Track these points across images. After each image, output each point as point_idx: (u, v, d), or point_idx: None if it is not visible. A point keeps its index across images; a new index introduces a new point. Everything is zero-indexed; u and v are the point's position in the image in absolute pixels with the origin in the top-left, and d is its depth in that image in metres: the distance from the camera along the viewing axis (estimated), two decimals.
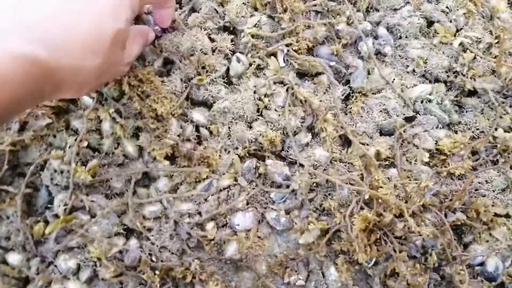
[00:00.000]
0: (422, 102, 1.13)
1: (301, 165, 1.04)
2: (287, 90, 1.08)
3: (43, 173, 1.00)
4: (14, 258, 0.96)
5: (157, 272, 0.94)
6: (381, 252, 0.99)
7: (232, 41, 1.12)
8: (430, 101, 1.13)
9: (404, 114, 1.12)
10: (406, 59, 1.17)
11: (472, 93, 1.16)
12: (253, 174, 1.04)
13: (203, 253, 0.99)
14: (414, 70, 1.16)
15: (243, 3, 1.13)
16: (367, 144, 1.08)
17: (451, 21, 1.19)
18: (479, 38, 1.17)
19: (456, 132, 1.12)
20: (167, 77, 1.07)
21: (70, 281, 0.95)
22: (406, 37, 1.18)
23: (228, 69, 1.10)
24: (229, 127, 1.06)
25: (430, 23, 1.20)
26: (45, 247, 0.96)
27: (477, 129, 1.12)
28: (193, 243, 1.00)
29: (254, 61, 1.10)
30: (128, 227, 1.00)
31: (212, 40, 1.11)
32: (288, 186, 1.04)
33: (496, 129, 1.10)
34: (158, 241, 0.99)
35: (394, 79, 1.14)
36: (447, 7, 1.21)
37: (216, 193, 1.02)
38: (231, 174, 1.03)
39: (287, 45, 1.12)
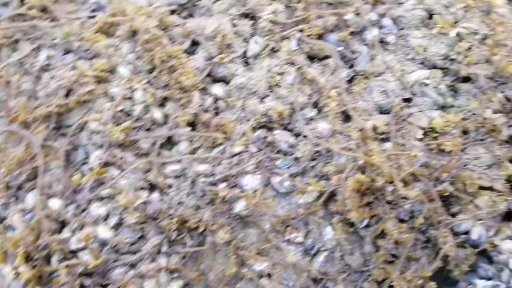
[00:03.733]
0: (419, 85, 1.23)
1: (305, 137, 1.15)
2: (297, 70, 1.20)
3: (82, 134, 1.15)
4: (55, 203, 1.10)
5: (173, 220, 1.07)
6: (373, 213, 1.09)
7: (252, 25, 1.24)
8: (426, 85, 1.23)
9: (402, 96, 1.22)
10: (407, 47, 1.27)
11: (467, 79, 1.25)
12: (263, 143, 1.16)
13: (216, 209, 1.11)
14: (413, 58, 1.26)
15: None
16: (366, 120, 1.18)
17: (451, 14, 1.28)
18: (476, 30, 1.26)
19: (449, 113, 1.21)
20: (193, 55, 1.20)
21: (100, 226, 1.09)
22: (408, 27, 1.28)
23: (245, 51, 1.22)
24: (244, 101, 1.18)
25: (431, 15, 1.29)
26: (81, 195, 1.11)
27: (469, 111, 1.21)
28: (206, 200, 1.12)
29: (269, 44, 1.22)
30: (152, 183, 1.12)
31: (234, 25, 1.23)
32: (292, 154, 1.15)
33: (485, 110, 1.19)
34: (177, 197, 1.12)
35: (395, 64, 1.24)
36: (448, 1, 1.30)
37: (229, 157, 1.15)
38: (243, 142, 1.15)
39: (300, 31, 1.23)
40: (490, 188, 1.16)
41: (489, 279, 1.09)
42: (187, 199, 1.12)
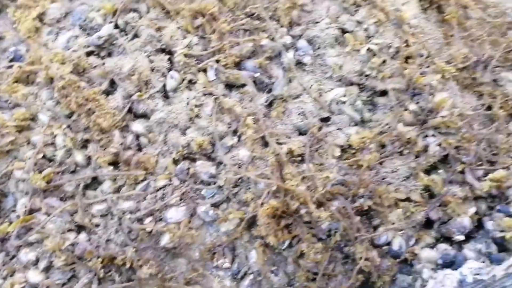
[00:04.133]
0: (336, 103, 1.28)
1: (226, 165, 1.20)
2: (214, 101, 1.24)
3: (9, 182, 1.20)
4: None
5: (99, 259, 1.12)
6: (292, 236, 1.15)
7: (169, 59, 1.29)
8: (343, 102, 1.28)
9: (320, 115, 1.27)
10: (324, 66, 1.32)
11: (384, 93, 1.30)
12: (186, 175, 1.21)
13: (142, 243, 1.16)
14: (331, 76, 1.31)
15: (178, 27, 1.30)
16: (284, 143, 1.23)
17: (364, 30, 1.33)
18: (389, 44, 1.31)
19: (366, 129, 1.26)
20: (112, 95, 1.25)
21: (30, 270, 1.14)
22: (324, 47, 1.33)
23: (164, 85, 1.27)
24: (165, 135, 1.23)
25: (345, 33, 1.34)
26: (9, 243, 1.16)
27: (386, 124, 1.26)
28: (134, 236, 1.17)
29: (186, 77, 1.26)
30: (79, 224, 1.18)
31: (151, 61, 1.28)
32: (215, 183, 1.20)
33: (398, 124, 1.24)
34: (105, 235, 1.17)
35: (312, 85, 1.29)
36: (362, 17, 1.34)
37: (153, 192, 1.20)
38: (166, 175, 1.21)
39: (216, 61, 1.28)
40: (408, 199, 1.21)
41: None
42: (114, 237, 1.17)
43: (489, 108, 1.34)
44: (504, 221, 1.17)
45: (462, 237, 1.19)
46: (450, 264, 1.14)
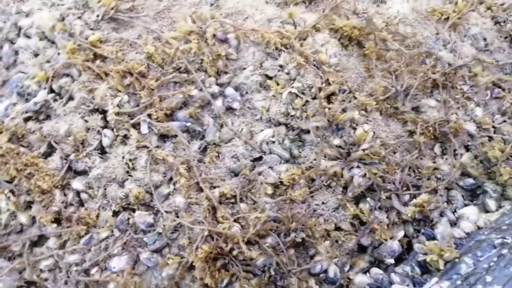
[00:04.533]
0: (267, 144, 1.37)
1: (164, 212, 1.29)
2: (148, 153, 1.33)
3: None
4: None
5: None
6: (230, 274, 1.23)
7: (103, 118, 1.38)
8: (273, 142, 1.38)
9: (252, 156, 1.36)
10: (253, 109, 1.42)
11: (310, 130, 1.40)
12: (127, 225, 1.30)
13: None
14: (261, 118, 1.41)
15: (108, 87, 1.40)
16: (218, 187, 1.31)
17: (286, 74, 1.43)
18: (310, 85, 1.41)
19: (298, 164, 1.35)
20: (51, 156, 1.34)
21: None
22: (251, 92, 1.43)
23: (101, 142, 1.36)
24: (104, 189, 1.32)
25: (270, 78, 1.44)
26: None
27: (314, 160, 1.36)
28: (82, 287, 1.25)
29: (120, 133, 1.36)
30: (28, 281, 1.26)
31: (85, 121, 1.37)
32: (154, 230, 1.28)
33: (322, 159, 1.34)
34: None
35: (243, 129, 1.39)
36: (284, 61, 1.45)
37: (97, 244, 1.28)
38: (107, 227, 1.30)
39: (148, 116, 1.37)
40: (338, 229, 1.31)
41: None
42: None
43: (413, 134, 1.44)
44: (426, 244, 1.25)
45: (392, 261, 1.29)
46: None
